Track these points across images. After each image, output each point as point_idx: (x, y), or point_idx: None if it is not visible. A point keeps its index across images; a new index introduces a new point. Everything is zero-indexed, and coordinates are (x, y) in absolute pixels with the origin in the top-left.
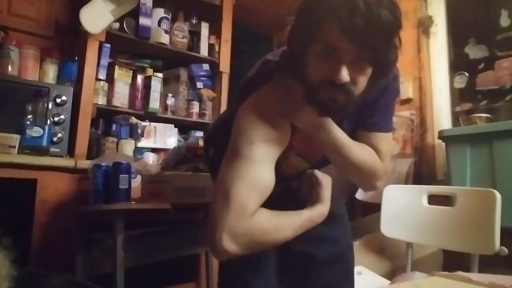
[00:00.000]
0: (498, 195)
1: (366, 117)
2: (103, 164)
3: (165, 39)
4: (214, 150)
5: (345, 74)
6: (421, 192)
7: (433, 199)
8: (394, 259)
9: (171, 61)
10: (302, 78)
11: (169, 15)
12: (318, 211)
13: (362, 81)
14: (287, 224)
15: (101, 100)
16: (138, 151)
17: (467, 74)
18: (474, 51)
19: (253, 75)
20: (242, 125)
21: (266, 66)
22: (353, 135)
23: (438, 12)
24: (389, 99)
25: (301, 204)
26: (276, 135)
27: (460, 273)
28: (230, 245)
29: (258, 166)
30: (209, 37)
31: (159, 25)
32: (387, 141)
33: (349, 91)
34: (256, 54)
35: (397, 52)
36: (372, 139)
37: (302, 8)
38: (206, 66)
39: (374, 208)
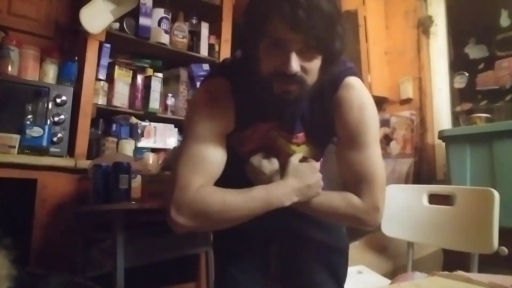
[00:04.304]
0: (496, 194)
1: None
2: (103, 164)
3: (165, 39)
4: None
5: (294, 64)
6: (421, 191)
7: (433, 199)
8: (395, 258)
9: (171, 61)
10: (257, 75)
11: (169, 15)
12: (278, 188)
13: (313, 69)
14: (237, 199)
15: (101, 100)
16: (138, 151)
17: (467, 74)
18: (474, 51)
19: (210, 72)
20: (189, 110)
21: (223, 63)
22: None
23: (438, 12)
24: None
25: None
26: (219, 112)
27: (460, 272)
28: (177, 217)
29: (203, 142)
30: (209, 37)
31: (159, 25)
32: (369, 162)
33: (301, 80)
34: None
35: (344, 40)
36: (349, 160)
37: (249, 6)
38: (206, 66)
39: None
